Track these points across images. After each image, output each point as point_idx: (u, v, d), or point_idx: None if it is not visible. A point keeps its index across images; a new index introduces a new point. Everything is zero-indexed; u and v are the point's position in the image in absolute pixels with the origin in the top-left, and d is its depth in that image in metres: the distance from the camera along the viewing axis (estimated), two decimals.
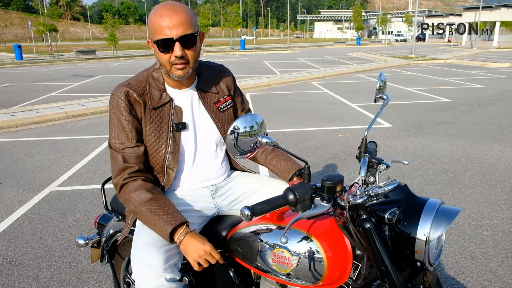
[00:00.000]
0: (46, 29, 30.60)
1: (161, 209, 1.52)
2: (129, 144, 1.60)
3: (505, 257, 3.01)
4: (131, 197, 1.56)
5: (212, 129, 1.73)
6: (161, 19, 1.48)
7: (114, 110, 1.60)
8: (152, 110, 1.63)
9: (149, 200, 1.54)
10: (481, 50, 35.44)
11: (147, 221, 1.53)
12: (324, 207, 1.23)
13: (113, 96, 1.61)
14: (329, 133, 6.80)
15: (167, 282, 1.44)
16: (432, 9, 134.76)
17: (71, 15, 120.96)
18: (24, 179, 4.80)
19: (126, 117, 1.59)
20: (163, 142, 1.64)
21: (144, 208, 1.53)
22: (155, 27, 1.50)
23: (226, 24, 45.38)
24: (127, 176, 1.58)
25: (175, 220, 1.49)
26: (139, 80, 1.65)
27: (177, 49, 1.51)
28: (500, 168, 4.98)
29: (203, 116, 1.73)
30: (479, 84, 13.05)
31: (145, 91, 1.63)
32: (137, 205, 1.55)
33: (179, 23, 1.48)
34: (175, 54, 1.51)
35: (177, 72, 1.56)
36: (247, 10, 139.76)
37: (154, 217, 1.50)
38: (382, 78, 1.76)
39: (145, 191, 1.56)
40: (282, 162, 1.80)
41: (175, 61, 1.53)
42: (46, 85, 13.94)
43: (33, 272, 2.90)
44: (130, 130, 1.60)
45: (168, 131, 1.64)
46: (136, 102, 1.61)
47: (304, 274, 1.35)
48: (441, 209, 1.20)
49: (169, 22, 1.48)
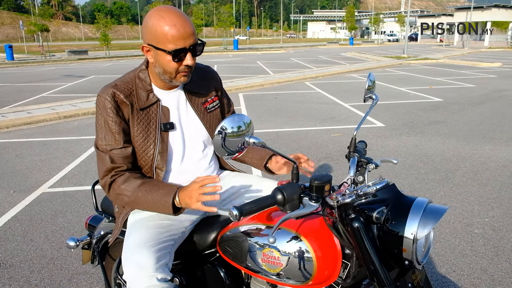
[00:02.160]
0: (37, 29, 30.34)
1: (155, 186, 1.54)
2: (116, 146, 1.59)
3: (495, 255, 3.04)
4: (122, 190, 1.56)
5: (200, 129, 1.74)
6: (175, 28, 1.47)
7: (101, 112, 1.60)
8: (140, 110, 1.63)
9: (141, 184, 1.55)
10: (472, 50, 35.74)
11: (147, 203, 1.53)
12: (313, 206, 1.24)
13: (99, 97, 1.60)
14: (321, 133, 6.82)
15: (158, 282, 1.44)
16: (424, 9, 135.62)
17: (63, 15, 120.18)
18: (15, 181, 4.76)
19: (113, 118, 1.59)
20: (151, 143, 1.64)
21: (140, 193, 1.54)
22: (166, 36, 1.47)
23: (219, 24, 45.33)
24: (114, 174, 1.58)
25: (172, 189, 1.51)
26: (126, 81, 1.65)
27: (189, 58, 1.53)
28: (491, 166, 5.02)
29: (190, 117, 1.73)
30: (470, 84, 13.16)
31: (132, 92, 1.63)
32: (130, 194, 1.55)
33: (191, 33, 1.50)
34: (187, 63, 1.53)
35: (182, 79, 1.59)
36: (240, 10, 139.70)
37: (152, 195, 1.52)
38: (371, 78, 1.77)
39: (134, 179, 1.57)
40: (257, 152, 1.85)
41: (183, 69, 1.55)
42: (38, 85, 13.84)
43: (24, 275, 2.88)
44: (117, 131, 1.59)
45: (156, 131, 1.64)
46: (123, 103, 1.60)
47: (294, 274, 1.35)
48: (429, 208, 1.21)
49: (183, 32, 1.48)
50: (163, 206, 1.50)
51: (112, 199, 1.63)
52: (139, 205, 1.57)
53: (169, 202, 1.48)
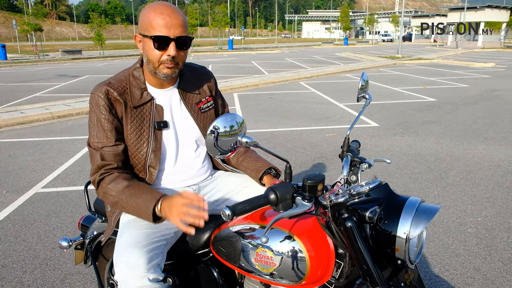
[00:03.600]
0: (31, 29, 30.13)
1: (139, 191, 1.52)
2: (108, 143, 1.59)
3: (488, 254, 3.06)
4: (108, 189, 1.55)
5: (193, 129, 1.74)
6: (161, 16, 1.50)
7: (94, 109, 1.60)
8: (133, 108, 1.63)
9: (126, 187, 1.54)
10: (466, 50, 35.95)
11: (129, 207, 1.52)
12: (306, 206, 1.24)
13: (93, 95, 1.60)
14: (316, 133, 6.83)
15: (150, 282, 1.42)
16: (418, 9, 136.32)
17: (57, 14, 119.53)
18: (8, 181, 4.73)
19: (106, 116, 1.58)
20: (144, 141, 1.64)
21: (123, 196, 1.52)
22: (152, 23, 1.51)
23: (214, 24, 45.28)
24: (103, 172, 1.58)
25: (155, 195, 1.48)
26: (120, 79, 1.65)
27: (171, 48, 1.53)
28: (484, 166, 5.05)
29: (184, 116, 1.73)
30: (464, 84, 13.23)
31: (126, 90, 1.63)
32: (115, 195, 1.54)
33: (178, 24, 1.52)
34: (169, 53, 1.54)
35: (165, 70, 1.58)
36: (235, 10, 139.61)
37: (135, 199, 1.50)
38: (364, 77, 1.77)
39: (122, 180, 1.56)
40: (253, 162, 1.81)
41: (166, 60, 1.55)
42: (31, 85, 13.75)
43: (16, 275, 2.86)
44: (109, 129, 1.59)
45: (149, 129, 1.64)
46: (117, 101, 1.60)
47: (287, 274, 1.35)
48: (421, 207, 1.21)
49: (169, 20, 1.50)
50: (144, 212, 1.48)
51: (100, 197, 1.63)
52: (122, 208, 1.55)
53: (150, 209, 1.46)
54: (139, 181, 1.61)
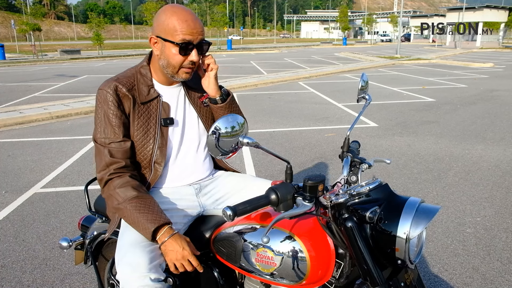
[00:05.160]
0: (29, 28, 30.08)
1: (146, 207, 1.52)
2: (115, 139, 1.60)
3: (487, 254, 3.07)
4: (115, 193, 1.55)
5: (197, 124, 1.78)
6: (186, 24, 1.54)
7: (101, 105, 1.60)
8: (141, 104, 1.65)
9: (134, 197, 1.53)
10: (464, 50, 35.99)
11: (130, 219, 1.52)
12: (306, 206, 1.24)
13: (101, 90, 1.61)
14: (315, 133, 6.84)
15: (151, 282, 1.43)
16: (417, 9, 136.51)
17: (55, 14, 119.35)
18: (7, 181, 4.73)
19: (114, 112, 1.59)
20: (151, 137, 1.65)
21: (129, 206, 1.52)
22: (176, 28, 1.54)
23: (212, 24, 45.22)
24: (113, 172, 1.58)
25: (159, 219, 1.49)
26: (127, 76, 1.67)
27: (194, 54, 1.58)
28: (483, 166, 5.06)
29: (189, 112, 1.76)
30: (462, 84, 13.26)
31: (134, 86, 1.65)
32: (121, 201, 1.54)
33: (200, 31, 1.58)
34: (191, 59, 1.58)
35: (184, 75, 1.63)
36: (234, 10, 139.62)
37: (138, 214, 1.50)
38: (364, 78, 1.78)
39: (131, 189, 1.55)
40: None
41: (187, 64, 1.60)
42: (30, 85, 13.73)
43: (16, 275, 2.86)
44: (117, 124, 1.60)
45: (156, 126, 1.66)
46: (125, 96, 1.62)
47: (287, 274, 1.35)
48: (421, 208, 1.21)
49: (193, 27, 1.55)
50: (143, 231, 1.50)
51: (104, 196, 1.63)
52: (123, 216, 1.56)
53: (150, 229, 1.48)
54: (147, 193, 1.60)
